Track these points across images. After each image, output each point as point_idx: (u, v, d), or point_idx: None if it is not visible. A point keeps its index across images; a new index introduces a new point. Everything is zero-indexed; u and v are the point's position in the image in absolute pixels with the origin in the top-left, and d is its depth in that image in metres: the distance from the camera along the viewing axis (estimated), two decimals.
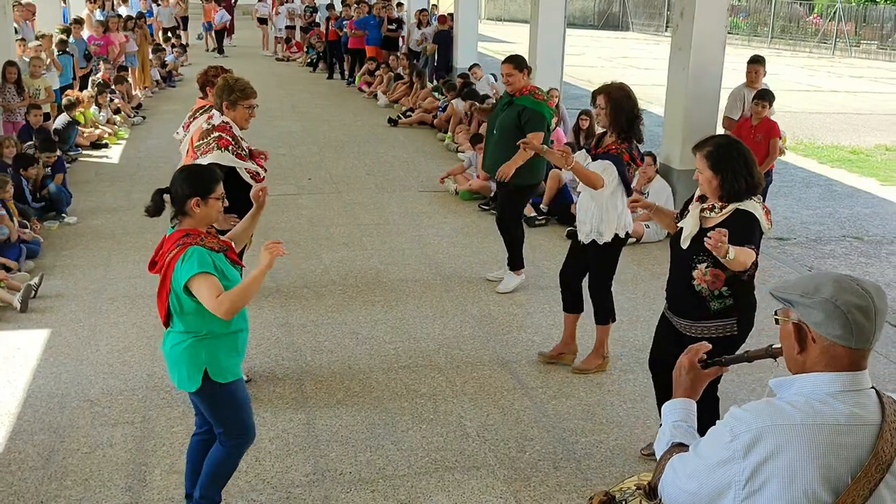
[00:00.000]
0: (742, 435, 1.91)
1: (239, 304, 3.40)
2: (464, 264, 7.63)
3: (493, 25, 40.07)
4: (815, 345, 1.97)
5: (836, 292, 1.93)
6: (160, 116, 14.68)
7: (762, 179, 4.02)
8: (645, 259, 7.90)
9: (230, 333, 3.63)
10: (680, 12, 9.12)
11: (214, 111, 5.40)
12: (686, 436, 2.26)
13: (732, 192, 3.86)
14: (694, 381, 2.39)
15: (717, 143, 3.93)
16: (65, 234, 8.27)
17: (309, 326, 6.26)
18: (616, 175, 5.23)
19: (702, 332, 4.03)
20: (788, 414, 1.90)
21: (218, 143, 5.10)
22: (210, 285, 3.39)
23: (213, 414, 3.71)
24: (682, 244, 4.03)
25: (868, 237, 9.19)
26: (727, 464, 1.92)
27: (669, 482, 2.11)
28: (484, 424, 4.97)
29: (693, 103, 8.97)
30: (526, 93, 6.66)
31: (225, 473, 3.86)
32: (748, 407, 1.98)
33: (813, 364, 1.98)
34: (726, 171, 3.83)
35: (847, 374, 1.95)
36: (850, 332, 1.92)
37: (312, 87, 18.87)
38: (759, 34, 37.11)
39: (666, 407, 2.39)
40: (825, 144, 14.53)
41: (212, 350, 3.58)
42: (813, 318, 1.96)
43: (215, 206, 3.59)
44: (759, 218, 3.87)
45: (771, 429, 1.89)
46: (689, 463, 2.04)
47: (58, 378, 5.39)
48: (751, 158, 3.93)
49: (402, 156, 12.14)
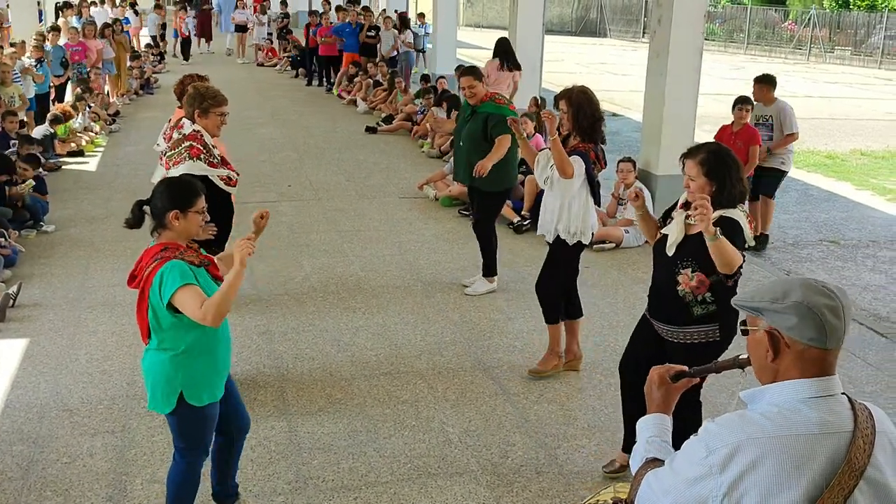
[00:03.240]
0: (718, 450, 1.92)
1: (224, 309, 3.34)
2: (444, 270, 7.64)
3: (472, 32, 40.18)
4: (789, 350, 1.98)
5: (805, 295, 1.95)
6: (138, 124, 14.59)
7: (748, 188, 4.06)
8: (625, 264, 7.95)
9: (210, 351, 3.57)
10: (657, 19, 9.19)
11: (185, 120, 5.38)
12: (661, 451, 2.27)
13: (728, 198, 3.87)
14: (666, 396, 2.40)
15: (710, 151, 3.93)
16: (42, 242, 8.20)
17: (290, 334, 6.25)
18: (584, 171, 5.29)
19: (685, 337, 4.05)
20: (762, 426, 1.92)
21: (189, 153, 5.07)
22: (193, 295, 3.33)
23: (180, 433, 3.66)
24: (667, 251, 4.05)
25: (844, 241, 9.29)
26: (704, 479, 1.92)
27: (645, 498, 2.11)
28: (466, 430, 4.98)
29: (671, 109, 9.05)
30: (486, 100, 6.70)
31: (191, 487, 3.82)
32: (721, 421, 1.98)
33: (786, 370, 1.99)
34: (722, 179, 3.85)
35: (817, 379, 1.96)
36: (824, 333, 1.94)
37: (292, 94, 18.84)
38: (736, 40, 37.49)
39: (640, 423, 2.40)
40: (801, 149, 14.65)
41: (189, 371, 3.51)
42: (786, 323, 1.97)
43: (195, 220, 3.52)
44: (743, 226, 3.89)
45: (746, 442, 1.90)
46: (664, 479, 2.05)
47: (36, 388, 5.34)
48: (741, 166, 3.98)
49: (382, 162, 12.14)
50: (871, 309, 7.24)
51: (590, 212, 5.43)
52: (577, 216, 5.37)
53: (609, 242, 8.36)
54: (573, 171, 5.25)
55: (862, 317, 7.02)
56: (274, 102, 17.38)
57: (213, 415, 3.70)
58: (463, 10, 42.92)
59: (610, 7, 44.24)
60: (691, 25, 8.93)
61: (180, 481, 3.77)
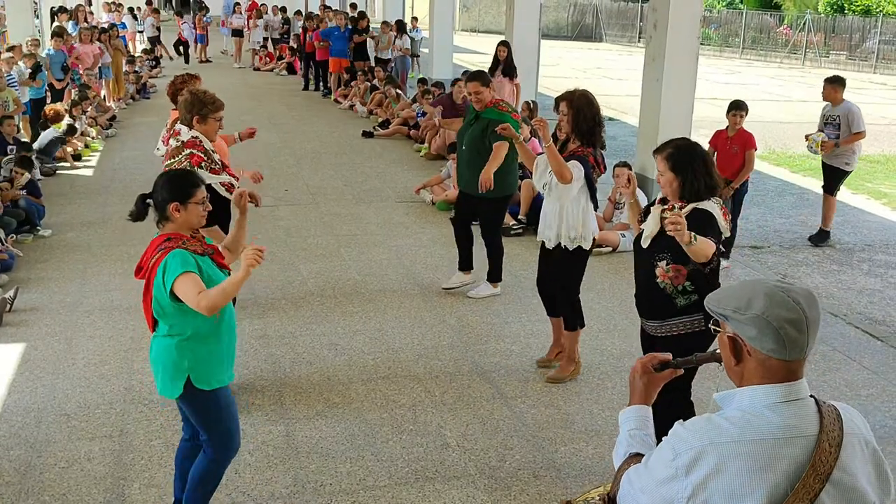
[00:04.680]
0: (683, 454, 1.95)
1: (219, 302, 3.41)
2: (441, 274, 7.65)
3: (468, 36, 40.24)
4: (750, 357, 2.01)
5: (766, 307, 1.96)
6: (134, 129, 14.60)
7: (720, 181, 4.17)
8: (621, 268, 7.96)
9: (216, 337, 3.63)
10: (653, 24, 9.22)
11: (181, 126, 5.32)
12: (643, 445, 2.30)
13: (693, 192, 3.98)
14: (647, 386, 2.42)
15: (676, 146, 4.05)
16: (39, 246, 8.19)
17: (287, 338, 6.25)
18: (583, 175, 5.30)
19: (670, 329, 4.12)
20: (726, 431, 1.94)
21: (190, 161, 5.05)
22: (192, 282, 3.41)
23: (198, 420, 3.72)
24: (642, 244, 4.14)
25: (840, 245, 9.31)
26: (671, 481, 1.96)
27: (626, 494, 2.15)
28: (464, 434, 4.98)
29: (667, 113, 9.08)
30: (491, 105, 6.72)
31: (210, 484, 3.85)
32: (689, 425, 2.02)
33: (750, 375, 2.02)
34: (686, 173, 3.96)
35: (783, 385, 1.98)
36: (783, 345, 1.95)
37: (288, 99, 18.86)
38: (731, 45, 37.60)
39: (622, 415, 2.42)
40: (797, 154, 14.71)
41: (196, 355, 3.59)
42: (747, 333, 1.99)
43: (195, 211, 3.60)
44: (717, 216, 3.98)
45: (710, 447, 1.92)
46: (641, 477, 2.08)
47: (34, 392, 5.34)
48: (709, 160, 4.09)
49: (379, 167, 12.15)
50: (866, 313, 7.26)
51: (589, 216, 5.44)
52: (576, 221, 5.38)
53: (606, 246, 8.37)
54: (571, 176, 5.26)
55: (858, 321, 7.04)
56: (271, 107, 17.38)
57: (226, 400, 3.74)
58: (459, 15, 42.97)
59: (606, 12, 44.34)
60: (687, 30, 8.97)
61: (201, 472, 3.80)
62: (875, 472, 2.00)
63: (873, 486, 1.98)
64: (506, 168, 6.73)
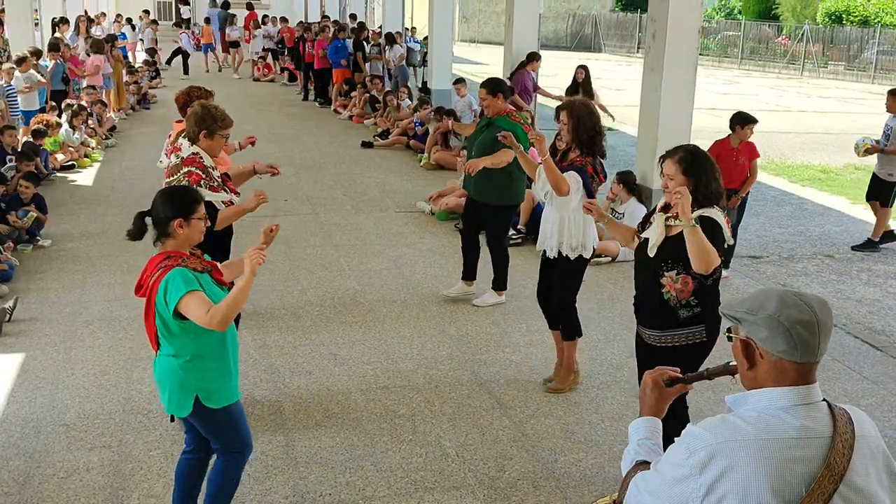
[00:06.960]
0: (697, 452, 1.95)
1: (231, 314, 3.38)
2: (441, 284, 7.65)
3: (467, 47, 40.34)
4: (763, 360, 2.02)
5: (778, 308, 1.98)
6: (134, 139, 14.62)
7: (723, 190, 4.14)
8: (621, 278, 7.96)
9: (220, 354, 3.62)
10: (652, 34, 9.25)
11: (183, 141, 5.20)
12: (651, 453, 2.30)
13: (706, 195, 3.96)
14: (658, 400, 2.43)
15: (688, 150, 4.06)
16: (39, 257, 8.20)
17: (287, 348, 6.25)
18: (581, 186, 5.31)
19: (671, 340, 4.09)
20: (742, 430, 1.95)
21: (189, 180, 4.89)
22: (199, 302, 3.38)
23: (209, 433, 3.73)
24: (649, 252, 4.10)
25: (839, 255, 9.32)
26: (684, 480, 1.96)
27: (634, 499, 2.15)
28: (463, 444, 4.98)
29: (666, 123, 9.09)
30: (503, 114, 6.77)
31: (230, 486, 3.85)
32: (703, 424, 2.02)
33: (763, 379, 2.03)
34: (700, 175, 3.95)
35: (798, 388, 1.99)
36: (794, 346, 1.97)
37: (288, 109, 18.89)
38: (730, 55, 37.71)
39: (632, 426, 2.43)
40: (795, 164, 14.74)
41: (201, 375, 3.57)
42: (758, 335, 2.01)
43: (197, 227, 3.60)
44: (721, 224, 3.96)
45: (725, 445, 1.93)
46: (650, 481, 2.08)
47: (33, 402, 5.33)
48: (717, 167, 4.09)
49: (378, 177, 12.17)
50: (866, 322, 7.26)
51: (590, 226, 5.45)
52: (577, 230, 5.39)
53: (605, 256, 8.38)
54: (568, 189, 5.28)
55: (857, 330, 7.04)
56: (270, 117, 17.41)
57: (237, 415, 3.74)
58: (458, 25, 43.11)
59: (605, 22, 44.49)
60: (685, 41, 8.99)
61: (219, 475, 3.81)
62: (886, 475, 2.01)
63: (884, 488, 1.99)
64: (513, 177, 6.77)
